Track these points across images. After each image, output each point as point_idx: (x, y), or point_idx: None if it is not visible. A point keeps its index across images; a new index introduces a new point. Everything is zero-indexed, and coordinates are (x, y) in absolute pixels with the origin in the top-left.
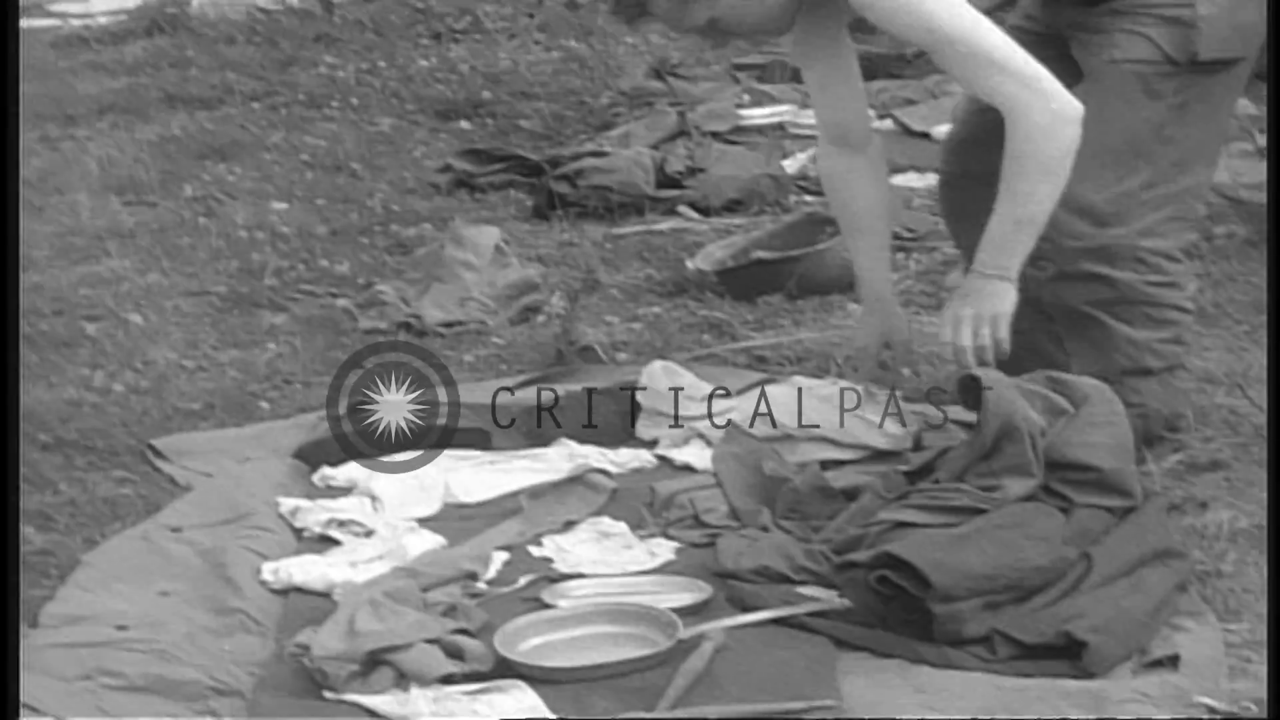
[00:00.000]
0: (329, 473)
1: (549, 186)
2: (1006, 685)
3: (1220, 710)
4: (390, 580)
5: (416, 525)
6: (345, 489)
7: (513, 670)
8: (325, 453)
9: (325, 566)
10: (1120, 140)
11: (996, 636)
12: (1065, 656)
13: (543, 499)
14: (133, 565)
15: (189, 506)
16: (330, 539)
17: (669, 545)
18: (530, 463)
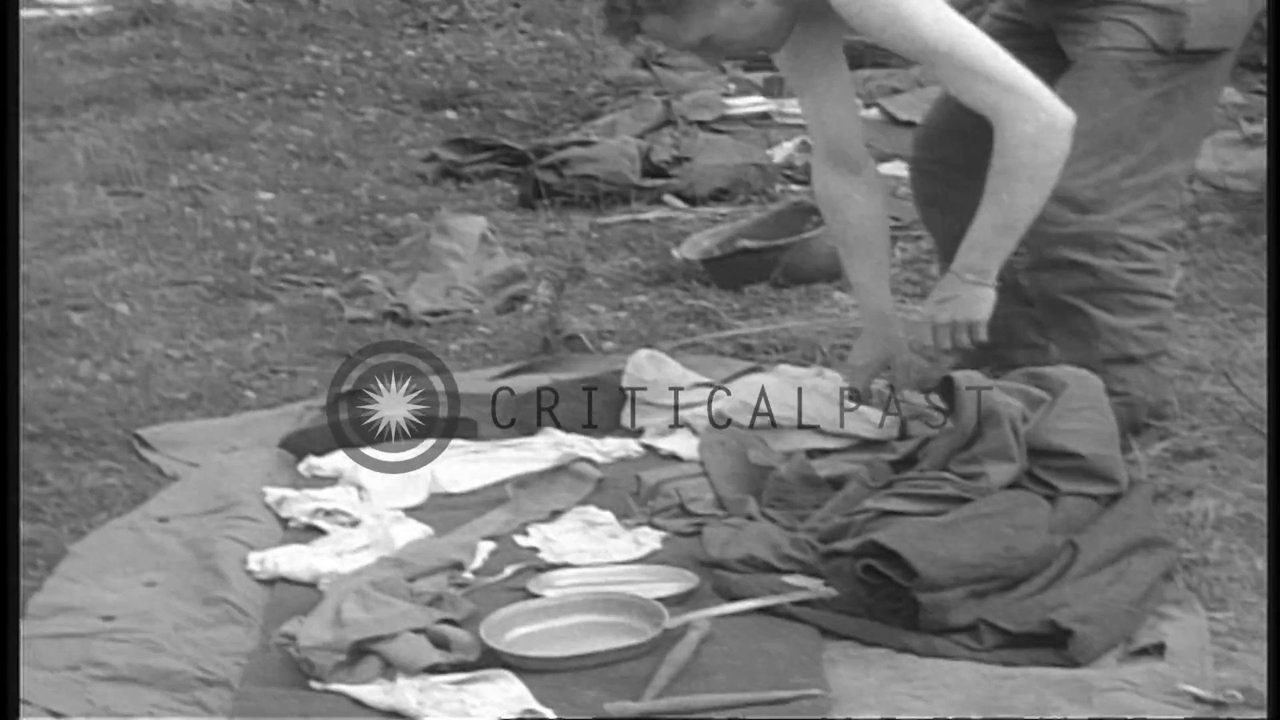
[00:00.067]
0: (315, 462)
1: (535, 176)
2: (992, 674)
3: (1206, 698)
4: (376, 570)
5: (403, 515)
6: (331, 479)
7: (499, 660)
8: (311, 442)
9: (311, 556)
10: (1104, 128)
11: (982, 625)
12: (1051, 645)
13: (529, 488)
14: (119, 556)
15: (175, 496)
16: (316, 529)
17: (655, 534)
18: (516, 452)
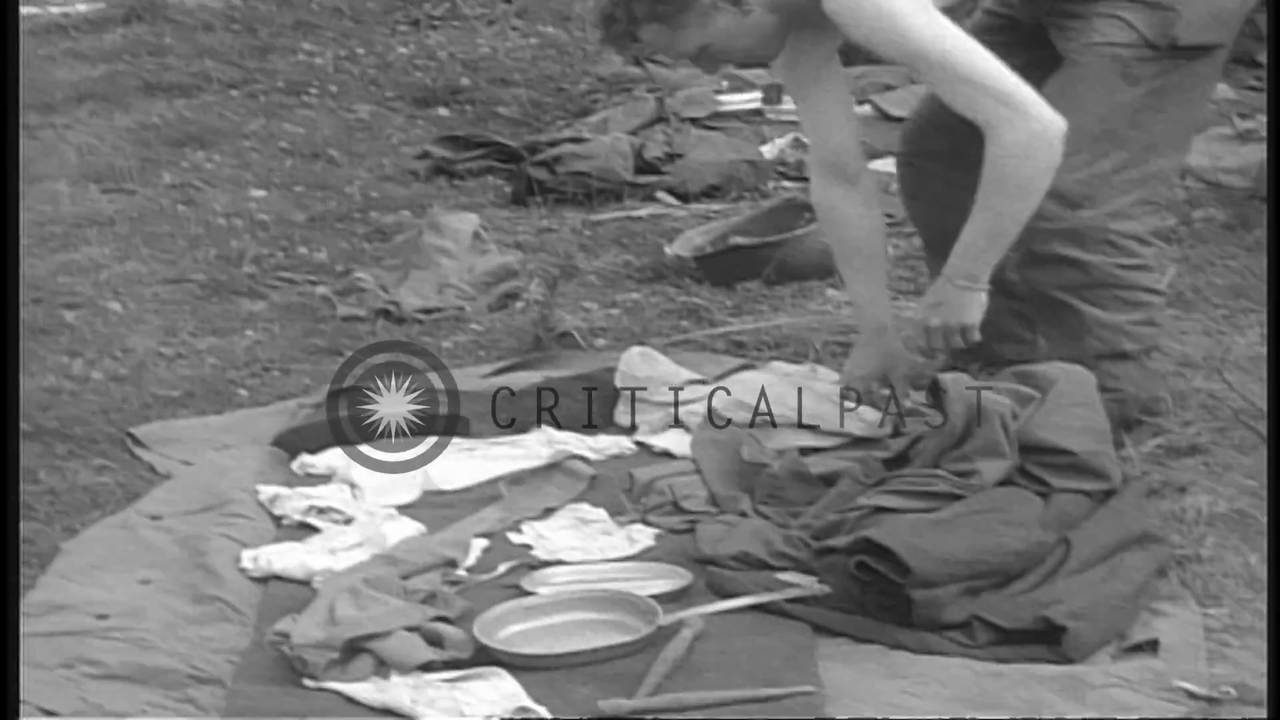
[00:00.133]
0: (308, 460)
1: (527, 173)
2: (985, 671)
3: (1200, 694)
4: (370, 568)
5: (396, 512)
6: (324, 476)
7: (492, 657)
8: (304, 440)
9: (305, 554)
10: (1094, 124)
11: (975, 622)
12: (1044, 642)
13: (522, 486)
14: (112, 554)
15: (168, 494)
16: (309, 526)
17: (648, 532)
18: (509, 449)
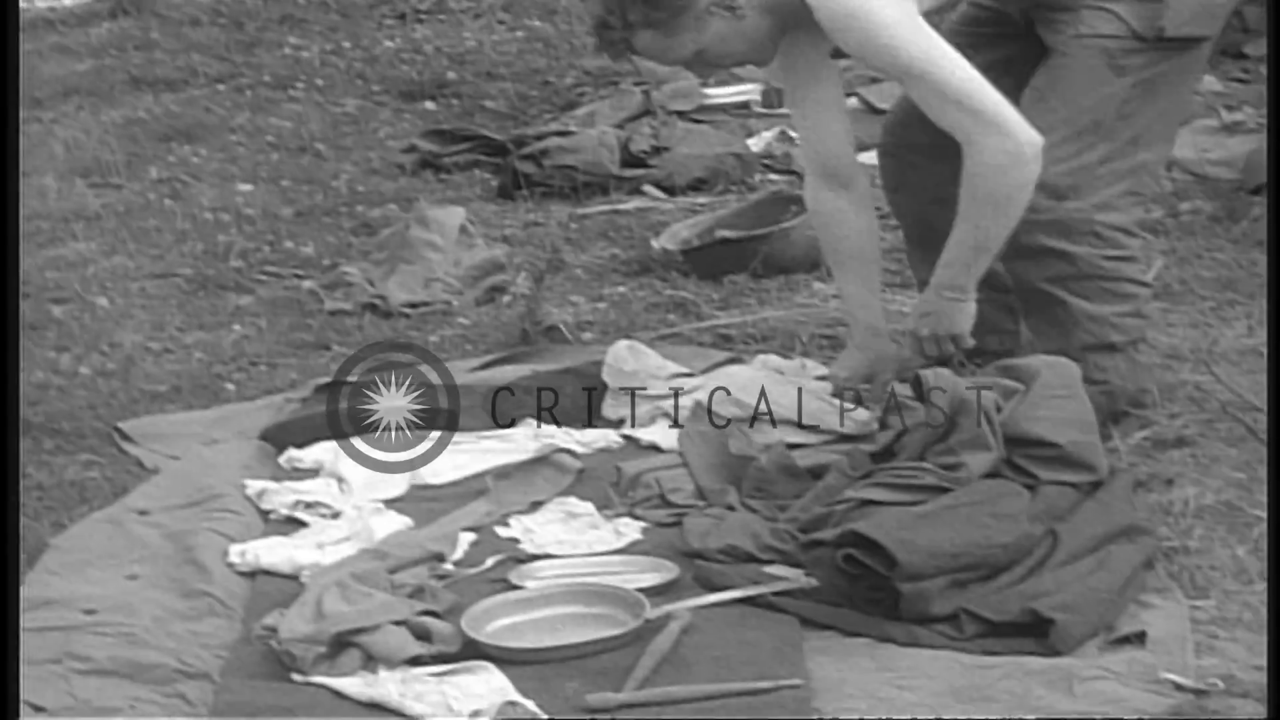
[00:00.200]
0: (295, 454)
1: (514, 166)
2: (973, 663)
3: (1187, 686)
4: (357, 562)
5: (383, 507)
6: (312, 471)
7: (480, 651)
8: (292, 434)
9: (292, 548)
10: (1081, 116)
11: (963, 615)
12: (1032, 634)
13: (509, 480)
14: (100, 549)
15: (156, 489)
16: (297, 521)
17: (635, 525)
18: (496, 443)
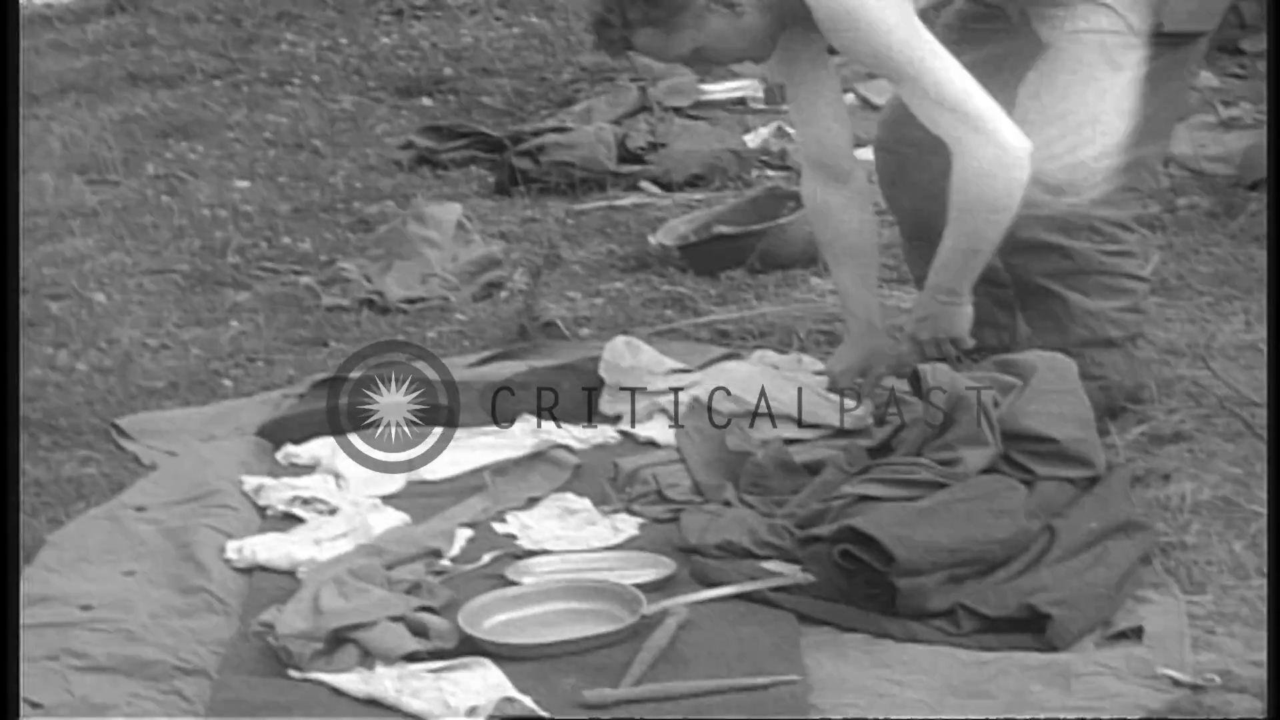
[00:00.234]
0: (292, 450)
1: (511, 163)
2: (970, 659)
3: (1184, 682)
4: (354, 558)
5: (380, 503)
6: (309, 466)
7: (477, 647)
8: (289, 430)
9: (289, 545)
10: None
11: (960, 610)
12: (1029, 630)
13: (506, 475)
14: (98, 545)
15: (153, 485)
16: (294, 517)
17: (632, 521)
18: (494, 439)
